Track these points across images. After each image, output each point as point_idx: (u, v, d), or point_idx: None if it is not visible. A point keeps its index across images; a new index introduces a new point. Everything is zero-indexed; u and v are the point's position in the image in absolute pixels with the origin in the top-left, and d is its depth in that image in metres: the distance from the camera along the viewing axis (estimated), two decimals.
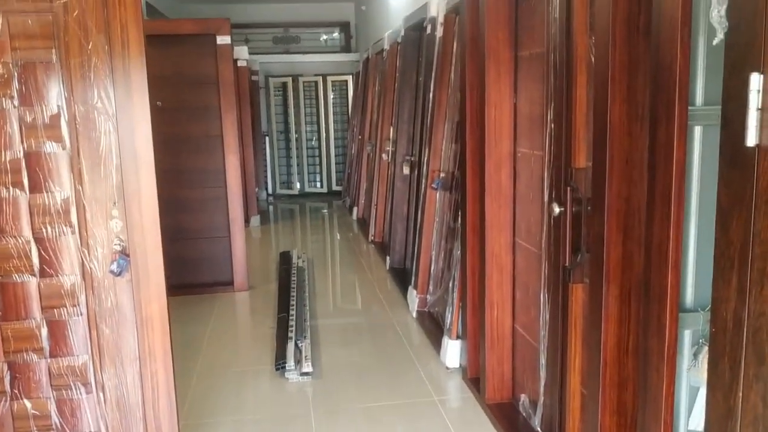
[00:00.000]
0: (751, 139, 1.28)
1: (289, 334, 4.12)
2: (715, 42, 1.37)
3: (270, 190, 10.63)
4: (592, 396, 2.05)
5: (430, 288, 4.58)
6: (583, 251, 2.24)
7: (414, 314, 4.67)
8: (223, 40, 5.14)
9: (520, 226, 3.05)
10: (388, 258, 5.92)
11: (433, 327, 4.30)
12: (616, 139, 1.86)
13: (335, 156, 10.80)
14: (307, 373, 3.70)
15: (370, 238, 7.03)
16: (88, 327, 2.49)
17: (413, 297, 4.73)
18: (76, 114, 2.36)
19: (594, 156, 1.96)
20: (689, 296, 1.78)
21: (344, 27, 11.32)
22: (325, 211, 9.61)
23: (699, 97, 1.67)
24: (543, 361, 2.78)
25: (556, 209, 2.44)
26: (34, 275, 2.42)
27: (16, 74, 2.30)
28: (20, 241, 2.39)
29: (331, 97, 10.70)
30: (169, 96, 5.20)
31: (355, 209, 8.51)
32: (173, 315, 4.72)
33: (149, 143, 2.40)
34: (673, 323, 1.65)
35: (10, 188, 2.35)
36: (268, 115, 10.64)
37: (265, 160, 10.47)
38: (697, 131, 1.70)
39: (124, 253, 2.44)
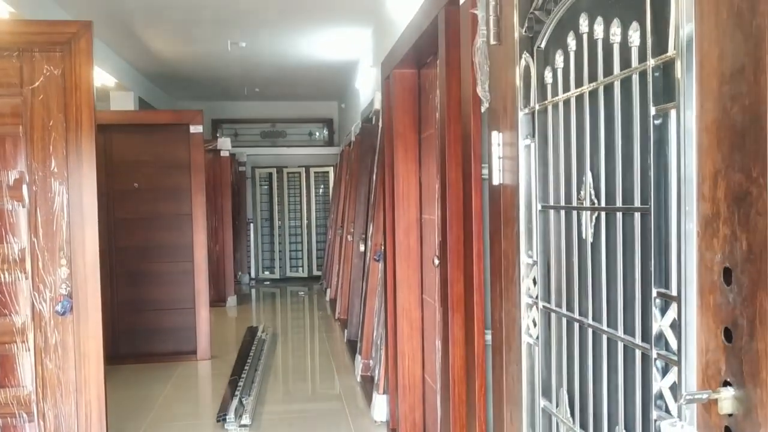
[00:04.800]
0: (496, 180, 1.74)
1: (236, 393, 4.45)
2: (483, 109, 1.85)
3: (253, 274, 11.05)
4: (445, 414, 2.42)
5: (372, 353, 4.93)
6: None
7: (358, 378, 5.00)
8: (195, 129, 5.73)
9: (425, 284, 3.47)
10: (346, 331, 6.27)
11: (372, 388, 4.62)
12: (453, 196, 2.33)
13: (316, 242, 11.29)
14: (245, 425, 4.02)
15: (337, 315, 7.39)
16: (34, 361, 2.88)
17: (358, 362, 5.07)
18: (35, 178, 2.85)
19: (442, 212, 2.43)
20: None
21: (328, 123, 12.09)
22: (303, 293, 9.99)
23: None
24: (439, 400, 3.13)
25: (437, 261, 2.88)
26: None
27: None
28: None
29: (314, 187, 11.32)
30: (146, 178, 5.76)
31: (328, 291, 8.91)
32: (133, 380, 5.09)
33: (94, 203, 2.88)
34: (480, 335, 2.06)
35: None
36: (254, 203, 11.22)
37: (249, 245, 10.96)
38: None
39: (68, 296, 2.86)
